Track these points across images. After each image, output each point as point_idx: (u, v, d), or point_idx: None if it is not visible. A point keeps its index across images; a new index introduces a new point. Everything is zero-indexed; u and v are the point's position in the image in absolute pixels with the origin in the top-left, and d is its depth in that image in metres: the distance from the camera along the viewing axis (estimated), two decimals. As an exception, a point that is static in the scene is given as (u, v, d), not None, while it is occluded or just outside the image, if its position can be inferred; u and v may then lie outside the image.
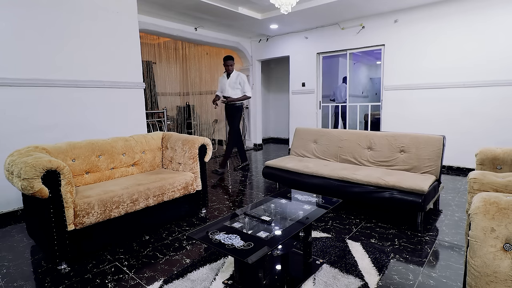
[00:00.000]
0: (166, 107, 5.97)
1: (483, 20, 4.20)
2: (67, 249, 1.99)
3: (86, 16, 3.30)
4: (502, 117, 4.17)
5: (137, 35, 3.80)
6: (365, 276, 1.84)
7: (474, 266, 1.02)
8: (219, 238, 1.58)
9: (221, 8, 4.66)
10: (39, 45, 3.00)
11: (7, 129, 2.87)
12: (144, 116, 3.95)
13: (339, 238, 2.38)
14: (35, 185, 1.81)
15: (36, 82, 2.99)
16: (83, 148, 2.56)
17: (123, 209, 2.25)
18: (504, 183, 1.52)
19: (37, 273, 1.98)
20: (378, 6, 4.73)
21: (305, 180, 3.22)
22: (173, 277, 1.87)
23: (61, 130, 3.18)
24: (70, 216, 1.98)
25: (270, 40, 6.74)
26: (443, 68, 4.58)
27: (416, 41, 4.80)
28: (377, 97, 8.08)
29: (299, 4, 4.65)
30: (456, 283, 1.78)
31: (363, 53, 7.56)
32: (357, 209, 3.03)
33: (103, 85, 3.49)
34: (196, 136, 2.94)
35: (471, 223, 1.07)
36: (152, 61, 7.39)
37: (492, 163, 2.08)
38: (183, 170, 2.88)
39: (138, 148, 2.95)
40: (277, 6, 3.32)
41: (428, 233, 2.47)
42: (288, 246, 2.02)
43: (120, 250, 2.26)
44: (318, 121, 6.27)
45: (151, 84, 7.29)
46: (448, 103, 4.59)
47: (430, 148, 2.92)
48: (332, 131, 3.72)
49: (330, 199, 2.19)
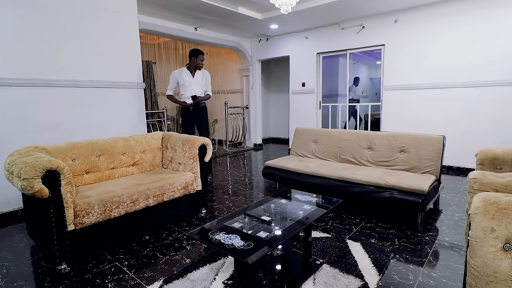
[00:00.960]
0: (166, 107, 5.96)
1: (483, 20, 4.20)
2: (67, 249, 1.99)
3: (86, 16, 3.30)
4: (502, 117, 4.17)
5: (137, 35, 3.80)
6: (365, 276, 1.84)
7: (474, 266, 1.02)
8: (219, 238, 1.58)
9: (221, 8, 4.66)
10: (40, 45, 3.00)
11: (7, 129, 2.87)
12: (144, 116, 3.96)
13: (339, 238, 2.38)
14: (35, 185, 1.81)
15: (36, 82, 2.99)
16: (83, 148, 2.56)
17: (123, 209, 2.25)
18: (504, 183, 1.52)
19: (37, 273, 1.98)
20: (378, 6, 4.73)
21: (305, 180, 3.22)
22: (173, 277, 1.87)
23: (61, 130, 3.18)
24: (70, 216, 1.98)
25: (270, 40, 6.74)
26: (443, 68, 4.58)
27: (416, 41, 4.80)
28: (377, 97, 8.07)
29: (299, 4, 4.65)
30: (456, 283, 1.78)
31: (363, 53, 7.56)
32: (357, 209, 3.03)
33: (103, 85, 3.49)
34: (196, 136, 2.95)
35: (471, 223, 1.07)
36: (152, 61, 7.39)
37: (492, 163, 2.08)
38: (183, 170, 2.88)
39: (138, 148, 2.95)
40: (277, 6, 3.32)
41: (428, 233, 2.47)
42: (288, 246, 2.02)
43: (120, 250, 2.26)
44: (318, 121, 6.27)
45: (151, 84, 7.29)
46: (448, 103, 4.59)
47: (430, 148, 2.92)
48: (332, 131, 3.72)
49: (330, 199, 2.19)
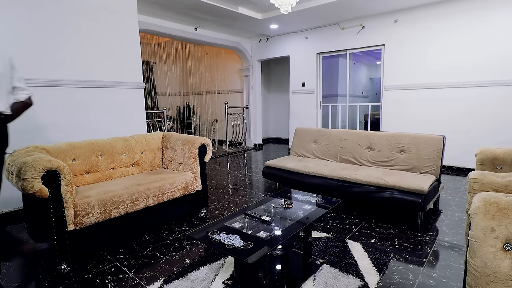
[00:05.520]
0: (166, 107, 5.96)
1: (483, 20, 4.20)
2: (67, 249, 1.99)
3: (86, 16, 3.29)
4: (502, 117, 4.17)
5: (137, 35, 3.79)
6: (365, 276, 1.84)
7: (474, 266, 1.02)
8: (219, 238, 1.58)
9: (221, 8, 4.66)
10: (40, 45, 2.99)
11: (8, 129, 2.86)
12: (144, 116, 3.95)
13: (339, 238, 2.38)
14: (35, 185, 1.81)
15: (36, 82, 2.99)
16: (83, 148, 2.56)
17: (123, 209, 2.25)
18: (504, 183, 1.52)
19: (37, 273, 1.98)
20: (378, 6, 4.73)
21: (305, 180, 3.22)
22: (173, 277, 1.87)
23: (61, 130, 3.18)
24: (70, 216, 1.98)
25: (270, 40, 6.74)
26: (443, 68, 4.58)
27: (416, 41, 4.80)
28: (377, 97, 8.07)
29: (299, 4, 4.65)
30: (456, 283, 1.78)
31: (363, 53, 7.54)
32: (357, 209, 3.03)
33: (103, 85, 3.49)
34: (196, 136, 2.95)
35: (471, 223, 1.07)
36: (152, 61, 7.40)
37: (492, 163, 2.08)
38: (183, 170, 2.88)
39: (138, 148, 2.95)
40: (277, 6, 3.32)
41: (428, 233, 2.47)
42: (288, 246, 2.02)
43: (120, 250, 2.26)
44: (318, 121, 6.26)
45: (151, 84, 7.30)
46: (448, 103, 4.59)
47: (430, 148, 2.92)
48: (332, 131, 3.72)
49: (330, 199, 2.19)
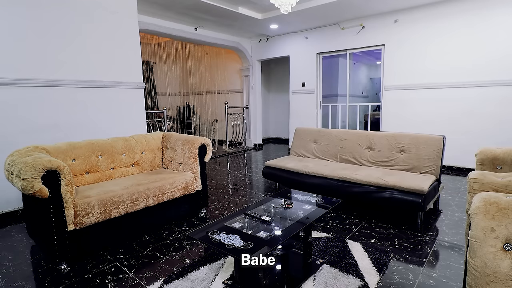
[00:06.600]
0: (166, 107, 5.96)
1: (483, 20, 4.20)
2: (67, 249, 1.99)
3: (85, 16, 3.29)
4: (502, 117, 4.17)
5: (137, 35, 3.79)
6: (365, 276, 1.84)
7: (474, 266, 1.02)
8: (219, 238, 1.58)
9: (221, 8, 4.66)
10: (40, 45, 3.00)
11: (8, 129, 2.87)
12: (144, 116, 3.95)
13: (339, 238, 2.38)
14: (35, 185, 1.81)
15: (36, 82, 2.99)
16: (83, 148, 2.56)
17: (123, 209, 2.25)
18: (504, 183, 1.52)
19: (37, 273, 1.98)
20: (378, 6, 4.73)
21: (305, 180, 3.22)
22: (173, 277, 1.87)
23: (61, 130, 3.18)
24: (70, 216, 1.98)
25: (270, 40, 6.74)
26: (443, 68, 4.58)
27: (416, 41, 4.79)
28: (377, 97, 8.07)
29: (299, 4, 4.65)
30: (456, 283, 1.78)
31: (363, 53, 7.55)
32: (357, 209, 3.03)
33: (103, 85, 3.49)
34: (196, 136, 2.95)
35: (471, 223, 1.07)
36: (152, 61, 7.40)
37: (492, 163, 2.08)
38: (183, 170, 2.88)
39: (138, 148, 2.95)
40: (277, 6, 3.32)
41: (428, 233, 2.47)
42: (288, 246, 2.02)
43: (120, 250, 2.26)
44: (318, 121, 6.26)
45: (151, 84, 7.30)
46: (448, 103, 4.58)
47: (430, 148, 2.92)
48: (332, 131, 3.72)
49: (330, 199, 2.19)
